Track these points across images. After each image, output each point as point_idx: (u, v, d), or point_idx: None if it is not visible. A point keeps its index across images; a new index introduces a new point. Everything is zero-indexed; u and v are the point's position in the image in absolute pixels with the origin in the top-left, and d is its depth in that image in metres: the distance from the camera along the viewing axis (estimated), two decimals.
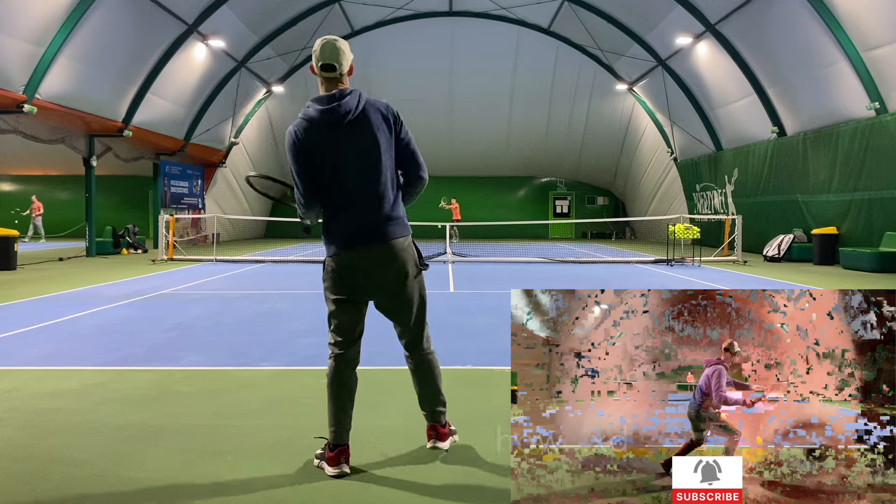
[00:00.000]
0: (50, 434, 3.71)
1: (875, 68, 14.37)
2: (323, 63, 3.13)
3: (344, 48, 3.17)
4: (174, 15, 17.98)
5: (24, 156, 27.70)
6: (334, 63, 3.13)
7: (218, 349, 6.10)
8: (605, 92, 27.84)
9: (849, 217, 15.74)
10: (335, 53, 3.13)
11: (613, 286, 11.11)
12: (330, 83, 3.16)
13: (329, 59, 3.13)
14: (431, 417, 3.47)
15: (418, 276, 3.30)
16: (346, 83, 3.21)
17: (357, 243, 3.12)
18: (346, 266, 3.14)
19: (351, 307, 3.21)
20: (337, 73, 3.15)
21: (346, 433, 3.20)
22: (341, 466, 3.12)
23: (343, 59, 3.15)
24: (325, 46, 3.14)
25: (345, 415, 3.22)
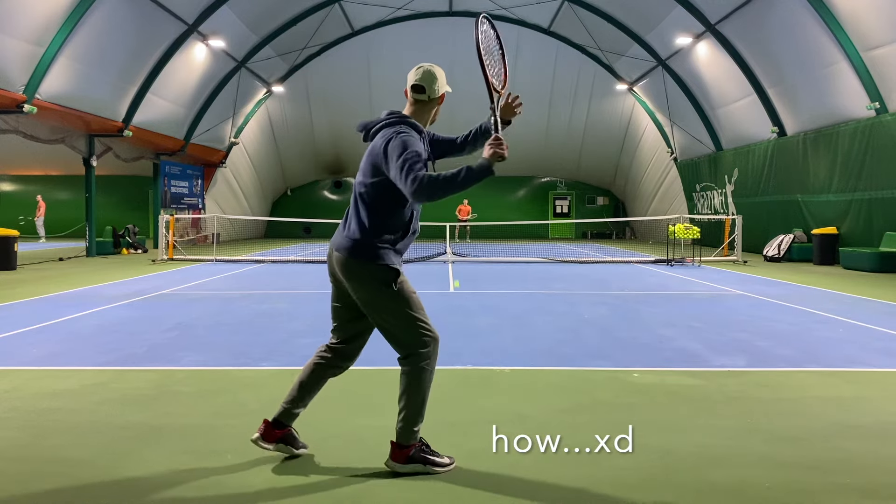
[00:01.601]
0: (50, 434, 3.71)
1: (875, 68, 14.37)
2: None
3: (425, 74, 3.34)
4: (174, 15, 17.97)
5: (24, 156, 27.70)
6: (421, 85, 3.31)
7: (218, 349, 6.10)
8: (605, 92, 27.84)
9: (849, 217, 15.74)
10: (421, 76, 3.32)
11: (613, 287, 11.19)
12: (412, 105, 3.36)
13: (414, 80, 3.32)
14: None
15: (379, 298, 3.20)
16: (408, 107, 3.37)
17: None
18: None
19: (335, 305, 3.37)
20: (424, 97, 3.32)
21: (292, 417, 3.34)
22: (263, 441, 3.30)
23: (424, 84, 3.31)
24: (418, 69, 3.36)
25: (290, 397, 3.34)
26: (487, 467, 3.25)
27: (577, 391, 4.69)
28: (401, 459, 3.15)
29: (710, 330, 7.02)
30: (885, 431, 3.82)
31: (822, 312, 8.24)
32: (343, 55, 26.45)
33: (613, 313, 8.21)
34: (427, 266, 15.17)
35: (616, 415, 4.08)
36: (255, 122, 27.73)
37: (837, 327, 7.24)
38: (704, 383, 4.87)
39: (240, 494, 2.95)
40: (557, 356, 5.80)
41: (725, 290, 10.66)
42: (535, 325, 7.35)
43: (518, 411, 4.14)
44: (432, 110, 3.36)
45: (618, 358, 5.72)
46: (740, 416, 4.08)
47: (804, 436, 3.72)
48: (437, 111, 3.39)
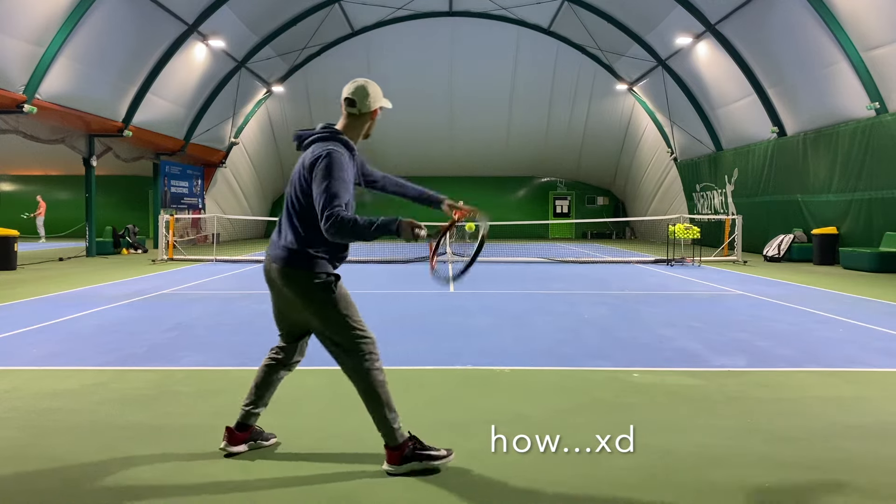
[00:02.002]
0: (50, 434, 3.71)
1: (875, 68, 14.37)
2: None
3: (350, 87, 3.33)
4: (174, 15, 17.97)
5: (24, 156, 27.71)
6: (353, 98, 3.31)
7: (218, 349, 6.10)
8: (605, 92, 27.84)
9: (849, 217, 15.74)
10: (356, 91, 3.31)
11: (613, 287, 11.18)
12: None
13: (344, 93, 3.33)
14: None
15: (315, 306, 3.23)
16: (342, 121, 3.36)
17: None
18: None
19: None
20: (355, 111, 3.32)
21: (253, 417, 3.43)
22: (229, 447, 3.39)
23: (357, 98, 3.30)
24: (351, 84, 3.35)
25: (249, 400, 3.45)
26: (487, 467, 3.25)
27: (577, 391, 4.69)
28: (396, 461, 3.16)
29: (710, 330, 7.02)
30: (885, 431, 3.82)
31: (822, 312, 8.24)
32: (343, 55, 26.44)
33: (613, 313, 8.21)
34: (427, 266, 15.15)
35: (616, 415, 4.08)
36: (255, 122, 27.74)
37: (837, 327, 7.24)
38: (704, 383, 4.87)
39: (240, 494, 2.95)
40: (557, 356, 5.80)
41: (725, 290, 10.66)
42: (535, 325, 7.35)
43: (518, 411, 4.14)
44: (364, 125, 3.36)
45: (618, 358, 5.72)
46: (740, 416, 4.08)
47: (804, 436, 3.72)
48: (370, 126, 3.39)
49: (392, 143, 30.02)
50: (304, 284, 3.18)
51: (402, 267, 14.95)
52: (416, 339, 6.56)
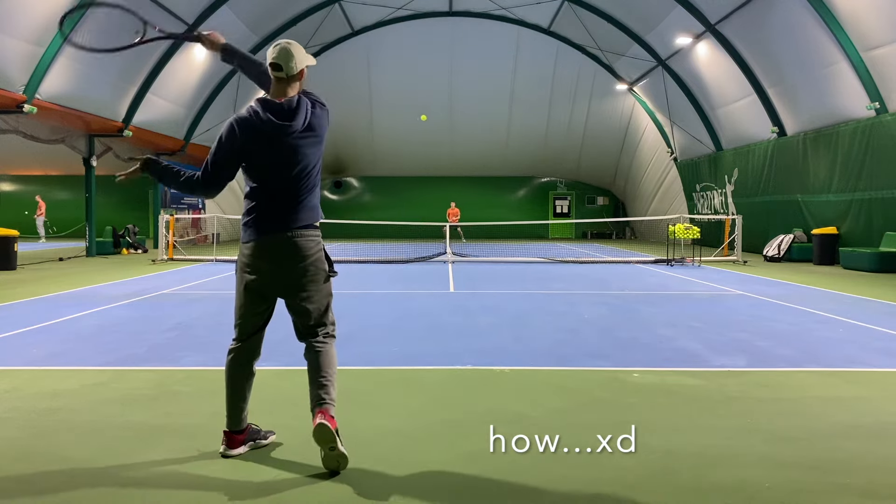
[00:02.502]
0: (50, 434, 3.71)
1: (875, 68, 14.37)
2: (270, 62, 3.26)
3: (295, 51, 3.25)
4: (174, 15, 17.97)
5: (24, 156, 27.70)
6: (280, 63, 3.23)
7: (218, 349, 6.08)
8: (605, 92, 27.85)
9: (849, 217, 15.74)
10: (283, 54, 3.23)
11: (613, 287, 11.17)
12: (279, 86, 3.28)
13: (276, 58, 3.23)
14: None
15: (326, 280, 3.40)
16: (297, 87, 3.31)
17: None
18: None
19: (255, 297, 3.38)
20: (283, 74, 3.25)
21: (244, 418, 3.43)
22: (228, 450, 3.37)
23: (292, 63, 3.24)
24: (275, 47, 3.26)
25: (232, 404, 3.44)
26: (486, 467, 3.25)
27: (577, 391, 4.69)
28: (329, 420, 3.15)
29: (710, 330, 7.02)
30: (885, 431, 3.82)
31: (822, 312, 8.24)
32: (343, 55, 26.46)
33: (613, 313, 8.21)
34: (427, 266, 15.17)
35: (616, 415, 4.08)
36: None
37: (837, 327, 7.24)
38: (704, 383, 4.87)
39: (240, 494, 2.95)
40: (557, 356, 5.80)
41: (725, 290, 10.66)
42: (535, 325, 7.35)
43: (518, 411, 4.14)
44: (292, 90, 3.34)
45: (618, 358, 5.72)
46: (740, 416, 4.08)
47: (804, 436, 3.72)
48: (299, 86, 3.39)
49: (392, 144, 30.06)
50: (320, 258, 3.32)
51: (402, 267, 14.95)
52: (416, 339, 6.56)
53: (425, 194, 31.89)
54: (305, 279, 3.29)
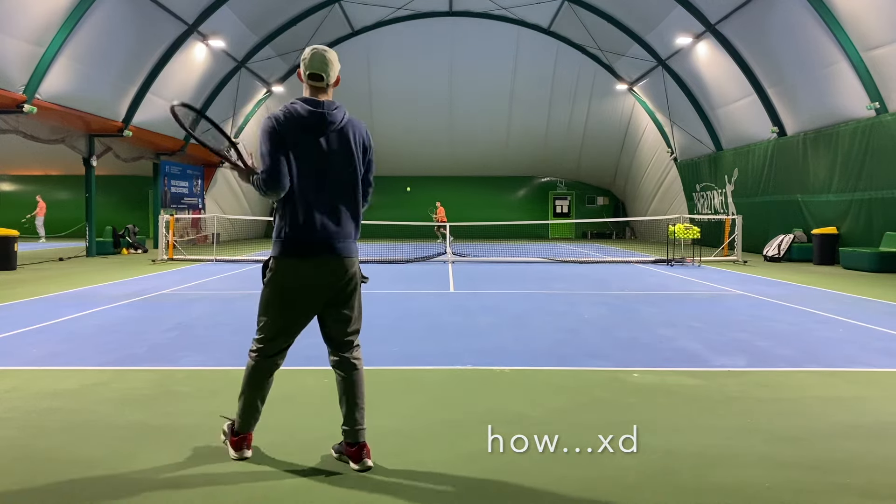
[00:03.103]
0: (50, 434, 3.71)
1: (875, 68, 14.37)
2: (311, 72, 3.19)
3: (333, 59, 3.23)
4: (174, 15, 17.98)
5: (24, 156, 27.71)
6: (322, 73, 3.19)
7: (218, 349, 6.10)
8: (605, 92, 27.85)
9: (849, 217, 15.74)
10: (324, 64, 3.19)
11: (613, 287, 11.17)
12: (315, 92, 3.22)
13: (318, 69, 3.18)
14: (358, 435, 3.27)
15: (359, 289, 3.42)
16: (331, 95, 3.28)
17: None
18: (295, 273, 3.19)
19: (294, 315, 3.27)
20: (324, 84, 3.22)
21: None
22: (243, 451, 3.32)
23: (331, 71, 3.21)
24: (314, 56, 3.19)
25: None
26: (486, 467, 3.25)
27: (577, 391, 4.69)
28: (370, 454, 3.23)
29: (710, 330, 7.02)
30: (885, 431, 3.82)
31: (822, 312, 8.24)
32: (343, 55, 26.08)
33: (613, 313, 8.21)
34: (427, 266, 15.17)
35: (616, 415, 4.08)
36: (255, 122, 27.71)
37: (837, 327, 7.24)
38: (704, 383, 4.87)
39: (240, 494, 2.95)
40: (557, 356, 5.80)
41: (725, 290, 10.66)
42: (535, 325, 7.35)
43: (518, 411, 4.14)
44: (327, 96, 3.34)
45: (618, 358, 5.72)
46: (740, 416, 4.08)
47: (804, 436, 3.72)
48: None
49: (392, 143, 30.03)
50: (359, 273, 3.35)
51: (402, 267, 14.95)
52: (417, 339, 6.56)
53: (425, 194, 31.89)
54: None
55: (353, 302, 3.32)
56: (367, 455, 3.19)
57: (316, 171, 3.14)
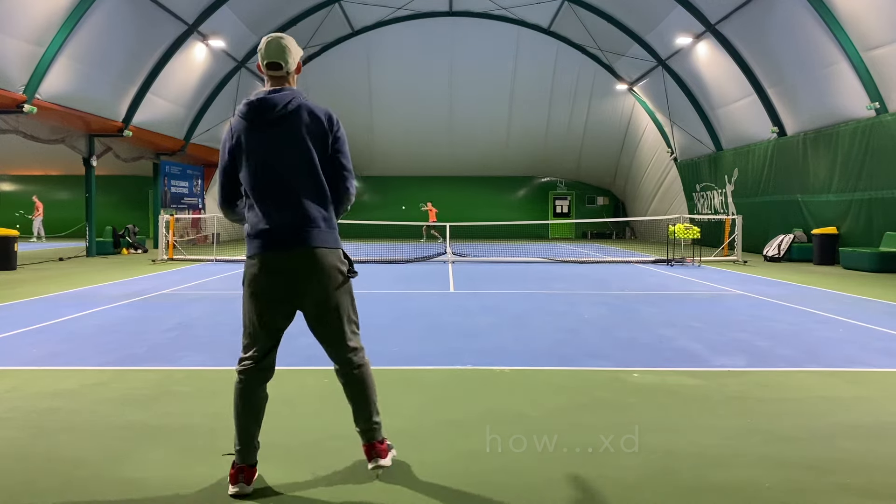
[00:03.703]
0: (50, 434, 3.71)
1: (875, 68, 14.37)
2: (268, 61, 2.99)
3: (290, 45, 3.03)
4: (174, 15, 17.98)
5: (24, 156, 27.72)
6: (280, 61, 2.99)
7: (218, 349, 6.10)
8: (605, 92, 27.86)
9: (849, 217, 15.74)
10: (281, 51, 2.99)
11: (614, 287, 11.17)
12: (276, 83, 3.03)
13: (275, 56, 2.98)
14: (367, 436, 3.15)
15: (344, 284, 3.04)
16: (293, 82, 3.10)
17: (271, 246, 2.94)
18: (260, 269, 2.95)
19: (265, 313, 2.98)
20: (283, 72, 3.02)
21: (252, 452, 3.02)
22: (239, 484, 2.91)
23: (290, 57, 3.01)
24: (269, 43, 2.99)
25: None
26: (486, 467, 3.25)
27: (577, 391, 4.69)
28: (385, 454, 3.17)
29: (710, 330, 7.02)
30: (885, 431, 3.82)
31: (822, 312, 8.24)
32: (343, 55, 26.47)
33: (613, 313, 8.21)
34: (427, 266, 15.17)
35: (616, 415, 4.08)
36: None
37: (837, 327, 7.24)
38: (704, 383, 4.87)
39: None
40: (557, 356, 5.80)
41: (725, 290, 10.66)
42: (535, 325, 7.35)
43: (518, 411, 4.14)
44: (290, 83, 3.13)
45: (618, 358, 5.72)
46: (740, 416, 4.08)
47: (804, 436, 3.72)
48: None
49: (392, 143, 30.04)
50: (338, 267, 2.98)
51: (402, 267, 14.95)
52: (416, 338, 6.56)
53: (425, 194, 31.89)
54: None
55: (326, 298, 2.95)
56: (378, 454, 3.13)
57: (262, 163, 2.91)
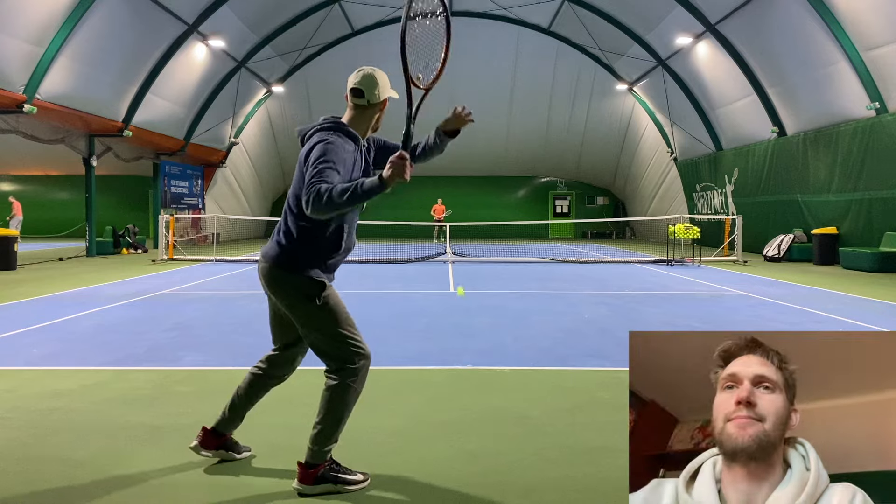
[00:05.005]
0: (50, 434, 3.71)
1: (875, 68, 14.37)
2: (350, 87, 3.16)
3: (371, 77, 3.16)
4: (174, 15, 17.97)
5: (24, 156, 27.71)
6: (360, 88, 3.13)
7: (218, 349, 6.10)
8: (605, 92, 27.85)
9: (849, 217, 15.74)
10: (361, 80, 3.14)
11: (613, 287, 11.16)
12: (356, 111, 3.17)
13: (354, 83, 3.14)
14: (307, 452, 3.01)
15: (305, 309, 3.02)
16: (347, 113, 3.17)
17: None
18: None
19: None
20: (364, 101, 3.14)
21: (231, 427, 3.31)
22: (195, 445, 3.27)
23: (361, 87, 3.13)
24: (359, 73, 3.18)
25: (230, 407, 3.30)
26: (486, 467, 3.25)
27: (577, 391, 4.69)
28: (309, 481, 2.93)
29: (710, 330, 7.02)
30: None
31: (823, 312, 8.24)
32: (343, 55, 26.44)
33: (613, 313, 8.21)
34: (427, 266, 15.17)
35: (616, 415, 4.08)
36: (255, 122, 27.74)
37: (837, 327, 7.24)
38: None
39: (240, 495, 2.95)
40: (557, 356, 5.80)
41: (725, 290, 10.66)
42: (535, 325, 7.35)
43: (518, 411, 4.14)
44: (373, 117, 3.16)
45: (618, 358, 5.71)
46: None
47: None
48: (378, 118, 3.20)
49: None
50: (289, 287, 3.00)
51: (402, 266, 14.95)
52: (416, 338, 6.56)
53: (425, 194, 31.89)
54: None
55: (296, 318, 3.05)
56: (301, 476, 2.96)
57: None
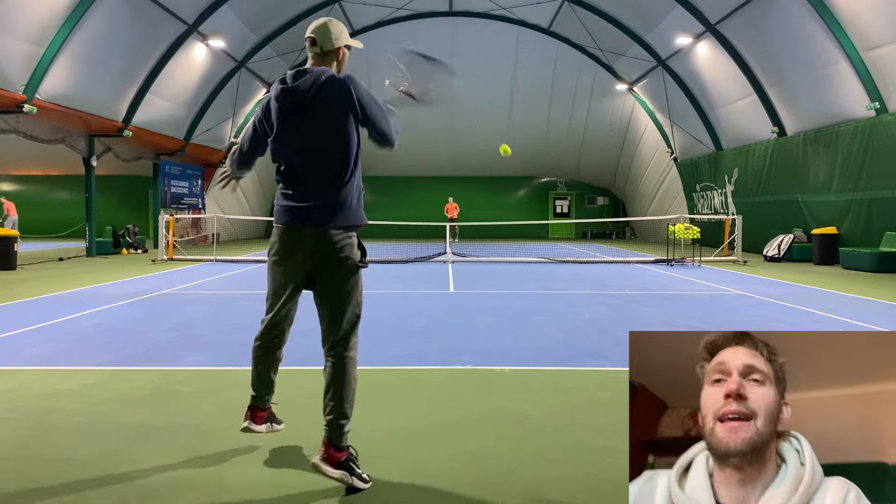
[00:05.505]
0: (50, 434, 3.71)
1: (875, 68, 14.37)
2: (306, 35, 3.20)
3: (330, 27, 3.17)
4: (174, 15, 17.98)
5: (24, 156, 27.71)
6: (313, 36, 3.16)
7: (218, 349, 6.10)
8: (605, 92, 27.85)
9: (849, 217, 15.74)
10: (317, 28, 3.17)
11: (613, 287, 11.15)
12: (312, 60, 3.21)
13: (310, 31, 3.17)
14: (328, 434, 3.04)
15: (356, 273, 3.14)
16: (332, 66, 3.19)
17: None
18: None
19: (281, 281, 3.20)
20: (316, 49, 3.17)
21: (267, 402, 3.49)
22: (247, 421, 3.40)
23: (320, 37, 3.14)
24: (314, 22, 3.21)
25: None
26: (486, 467, 3.25)
27: (577, 391, 4.69)
28: (333, 462, 2.96)
29: (710, 330, 7.01)
30: None
31: (823, 312, 8.24)
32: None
33: (613, 313, 8.21)
34: (427, 266, 15.17)
35: (616, 415, 4.08)
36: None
37: (837, 327, 7.24)
38: None
39: (240, 494, 2.94)
40: (557, 356, 5.80)
41: (725, 290, 10.66)
42: (535, 325, 7.35)
43: (517, 411, 4.14)
44: (331, 63, 3.20)
45: (618, 358, 5.71)
46: None
47: None
48: (339, 65, 3.24)
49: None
50: (351, 253, 3.10)
51: (402, 267, 14.95)
52: (416, 338, 6.56)
53: (425, 194, 31.90)
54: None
55: (342, 284, 3.10)
56: (329, 460, 2.97)
57: (295, 147, 3.13)
